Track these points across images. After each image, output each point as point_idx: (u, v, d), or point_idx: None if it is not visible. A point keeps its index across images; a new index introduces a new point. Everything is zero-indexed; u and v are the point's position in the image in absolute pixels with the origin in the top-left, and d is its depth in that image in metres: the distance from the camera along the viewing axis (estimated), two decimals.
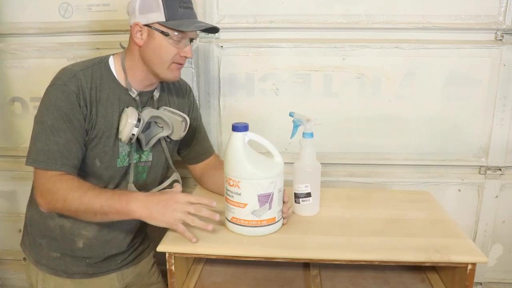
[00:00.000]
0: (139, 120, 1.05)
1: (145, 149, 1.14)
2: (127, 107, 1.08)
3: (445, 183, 1.55)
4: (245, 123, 1.01)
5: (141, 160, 1.15)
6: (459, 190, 1.56)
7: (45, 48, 1.53)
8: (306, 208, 1.15)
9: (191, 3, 1.07)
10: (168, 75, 1.08)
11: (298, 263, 1.15)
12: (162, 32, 1.03)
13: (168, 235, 1.03)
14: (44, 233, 1.14)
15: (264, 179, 0.98)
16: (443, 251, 0.95)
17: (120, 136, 1.06)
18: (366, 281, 1.08)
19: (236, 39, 1.49)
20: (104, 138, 1.06)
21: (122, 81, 1.09)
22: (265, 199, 0.99)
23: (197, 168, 1.34)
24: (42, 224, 1.13)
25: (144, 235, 1.29)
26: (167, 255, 0.99)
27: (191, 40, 1.08)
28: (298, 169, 1.14)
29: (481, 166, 1.53)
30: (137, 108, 1.09)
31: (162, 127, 1.15)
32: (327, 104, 1.51)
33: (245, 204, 0.99)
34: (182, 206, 0.97)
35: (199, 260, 1.18)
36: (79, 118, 1.02)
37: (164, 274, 1.05)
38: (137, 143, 1.13)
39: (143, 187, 1.17)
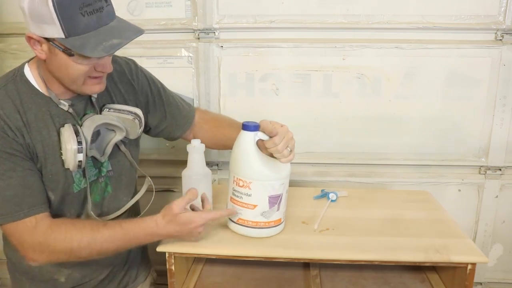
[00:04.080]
0: (80, 143, 0.87)
1: (102, 160, 0.98)
2: (63, 125, 0.89)
3: (445, 183, 1.55)
4: (255, 122, 0.97)
5: (102, 174, 1.00)
6: (459, 190, 1.56)
7: None
8: None
9: None
10: (87, 91, 0.90)
11: (298, 263, 1.15)
12: (64, 52, 0.81)
13: None
14: (24, 270, 1.03)
15: (276, 181, 0.96)
16: (443, 251, 0.95)
17: (66, 167, 0.89)
18: (366, 281, 1.08)
19: (236, 39, 1.49)
20: (49, 165, 0.89)
21: (46, 93, 0.90)
22: (275, 200, 0.97)
23: (187, 137, 1.19)
24: (19, 264, 1.02)
25: (140, 261, 1.20)
26: (167, 255, 0.99)
27: None
28: (186, 178, 1.05)
29: (481, 166, 1.53)
30: (76, 123, 0.92)
31: (114, 130, 0.98)
32: (327, 104, 1.51)
33: (255, 206, 0.97)
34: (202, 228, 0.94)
35: (199, 260, 1.18)
36: (19, 149, 0.85)
37: (163, 274, 1.05)
38: (91, 158, 0.97)
39: (113, 201, 1.04)
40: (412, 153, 1.54)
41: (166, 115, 1.12)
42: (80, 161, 0.88)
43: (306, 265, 1.16)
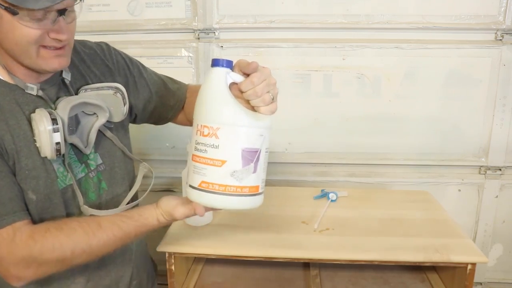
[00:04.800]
0: (54, 121, 0.75)
1: (87, 152, 0.84)
2: (34, 111, 0.77)
3: (445, 183, 1.55)
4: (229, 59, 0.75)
5: (91, 168, 0.87)
6: (459, 190, 1.56)
7: None
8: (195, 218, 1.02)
9: None
10: (44, 66, 0.75)
11: (298, 263, 1.15)
12: (7, 10, 0.68)
13: (168, 235, 1.03)
14: None
15: (252, 128, 0.72)
16: (443, 251, 0.95)
17: (42, 155, 0.76)
18: (366, 281, 1.08)
19: (236, 39, 1.49)
20: (24, 159, 0.76)
21: (9, 80, 0.78)
22: (250, 156, 0.72)
23: (179, 118, 1.06)
24: None
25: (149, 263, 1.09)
26: (167, 255, 0.99)
27: (62, 11, 0.72)
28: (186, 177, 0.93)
29: (481, 166, 1.53)
30: (49, 107, 0.79)
31: (95, 113, 0.84)
32: (327, 104, 1.51)
33: (223, 162, 0.71)
34: None
35: (199, 260, 1.18)
36: None
37: (163, 274, 1.05)
38: (75, 149, 0.84)
39: (111, 198, 0.91)
40: (412, 153, 1.54)
41: (152, 95, 0.99)
42: (58, 144, 0.75)
43: (306, 265, 1.16)
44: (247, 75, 0.73)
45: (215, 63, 0.73)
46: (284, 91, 1.51)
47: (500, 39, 1.42)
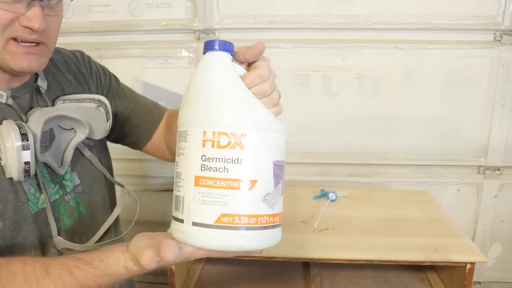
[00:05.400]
0: (24, 136, 0.62)
1: (62, 172, 0.72)
2: (1, 122, 0.64)
3: (444, 183, 1.56)
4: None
5: (67, 190, 0.74)
6: (458, 190, 1.56)
7: None
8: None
9: None
10: (9, 61, 0.63)
11: (298, 262, 1.16)
12: None
13: None
14: None
15: (282, 134, 0.54)
16: (442, 251, 0.95)
17: (7, 175, 0.63)
18: (366, 280, 1.09)
19: (236, 39, 1.47)
20: None
21: None
22: (280, 172, 0.53)
23: (153, 145, 0.91)
24: None
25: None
26: None
27: None
28: None
29: (480, 166, 1.54)
30: (19, 118, 0.67)
31: (73, 128, 0.73)
32: (327, 104, 1.51)
33: (254, 182, 0.50)
34: None
35: (199, 260, 1.19)
36: None
37: (163, 274, 1.05)
38: (48, 168, 0.71)
39: (90, 223, 0.79)
40: (412, 153, 1.54)
41: (117, 109, 0.87)
42: (27, 163, 0.62)
43: (306, 264, 1.16)
44: (247, 64, 0.58)
45: (216, 45, 0.52)
46: (284, 91, 1.51)
47: (499, 40, 1.42)
